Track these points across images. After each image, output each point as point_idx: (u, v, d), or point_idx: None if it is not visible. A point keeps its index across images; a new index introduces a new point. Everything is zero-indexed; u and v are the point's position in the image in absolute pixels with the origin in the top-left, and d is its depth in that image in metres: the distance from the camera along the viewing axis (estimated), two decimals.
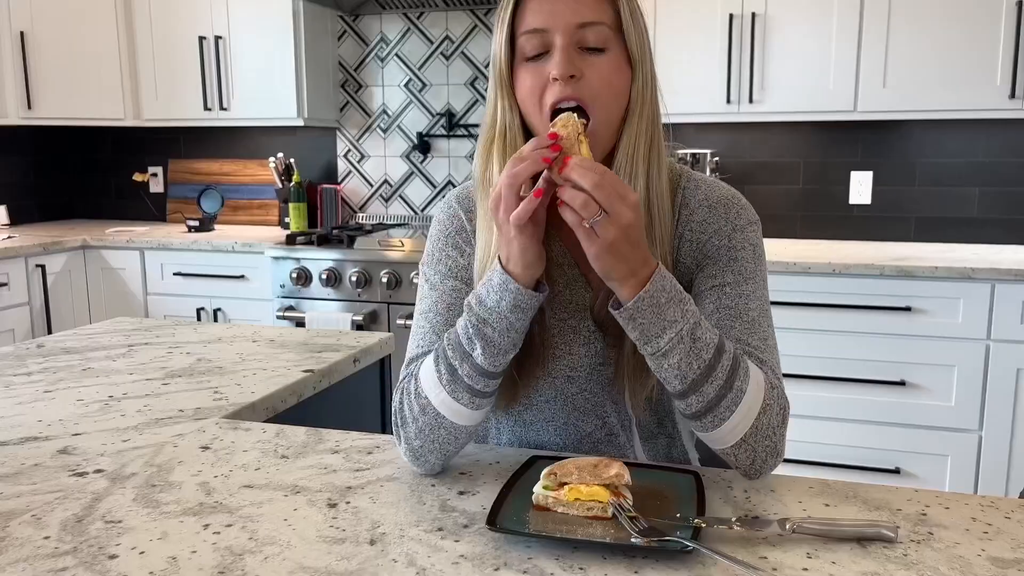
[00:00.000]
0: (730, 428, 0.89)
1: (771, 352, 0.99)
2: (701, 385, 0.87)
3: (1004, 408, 2.53)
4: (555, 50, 0.93)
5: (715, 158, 3.14)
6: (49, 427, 1.15)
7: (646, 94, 0.98)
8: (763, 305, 1.01)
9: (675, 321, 0.86)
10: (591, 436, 1.08)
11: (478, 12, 3.46)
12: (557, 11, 0.93)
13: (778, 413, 0.92)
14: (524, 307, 0.89)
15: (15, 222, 3.83)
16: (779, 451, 0.93)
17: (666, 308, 0.86)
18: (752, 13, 2.83)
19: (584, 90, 0.93)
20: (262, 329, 1.73)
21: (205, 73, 3.45)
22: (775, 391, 0.93)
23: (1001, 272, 2.47)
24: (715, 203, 1.04)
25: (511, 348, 0.91)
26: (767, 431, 0.91)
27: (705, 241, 1.02)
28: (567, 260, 1.06)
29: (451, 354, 0.92)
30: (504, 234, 0.88)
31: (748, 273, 1.01)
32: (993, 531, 0.83)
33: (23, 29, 3.38)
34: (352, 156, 3.74)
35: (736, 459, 0.93)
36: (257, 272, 3.23)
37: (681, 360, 0.86)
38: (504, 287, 0.88)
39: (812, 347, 2.66)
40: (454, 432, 0.94)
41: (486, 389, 0.93)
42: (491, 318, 0.89)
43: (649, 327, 0.86)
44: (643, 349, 0.88)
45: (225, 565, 0.77)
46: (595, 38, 0.94)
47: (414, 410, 0.95)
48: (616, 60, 0.95)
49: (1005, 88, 2.65)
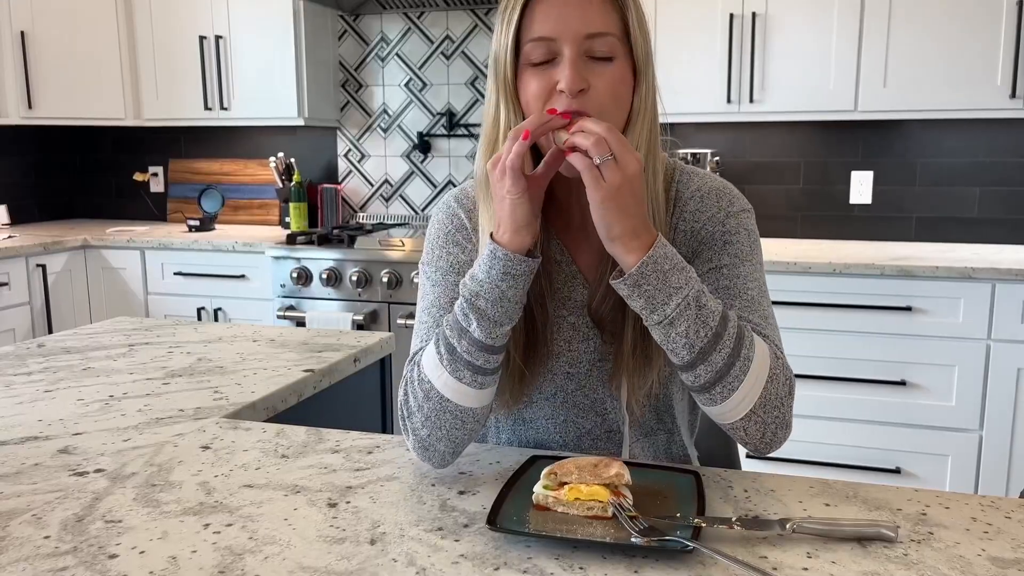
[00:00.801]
0: (740, 398, 0.89)
1: (773, 329, 0.99)
2: (709, 354, 0.88)
3: (1004, 408, 2.53)
4: (564, 62, 0.92)
5: (715, 158, 3.14)
6: (49, 427, 1.15)
7: (648, 101, 0.98)
8: (761, 286, 1.02)
9: (680, 287, 0.86)
10: (591, 433, 1.09)
11: (478, 12, 3.46)
12: (566, 20, 0.92)
13: (784, 383, 0.93)
14: (514, 273, 0.88)
15: (15, 222, 3.83)
16: (788, 423, 0.94)
17: (670, 274, 0.86)
18: (752, 13, 2.83)
19: (590, 101, 0.93)
20: (262, 329, 1.73)
21: (205, 73, 3.45)
22: (780, 361, 0.94)
23: (1002, 272, 2.47)
24: (707, 192, 1.05)
25: (506, 320, 0.91)
26: (776, 401, 0.91)
27: (699, 229, 1.03)
28: (565, 258, 1.06)
29: (449, 333, 0.92)
30: (498, 192, 0.88)
31: (744, 255, 1.01)
32: (993, 531, 0.83)
33: (24, 29, 3.38)
34: (352, 156, 3.74)
35: (747, 433, 0.93)
36: (257, 272, 3.23)
37: (689, 327, 0.87)
38: (493, 256, 0.89)
39: (813, 347, 2.66)
40: (460, 416, 0.94)
41: (486, 365, 0.92)
42: (482, 290, 0.89)
43: (655, 293, 0.86)
44: (649, 319, 0.89)
45: (225, 565, 0.77)
46: (603, 48, 0.93)
47: (419, 397, 0.95)
48: (622, 69, 0.95)
49: (1006, 88, 2.65)
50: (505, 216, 0.88)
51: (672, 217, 1.04)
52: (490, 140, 1.00)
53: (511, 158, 0.86)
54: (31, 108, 3.44)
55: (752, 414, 0.91)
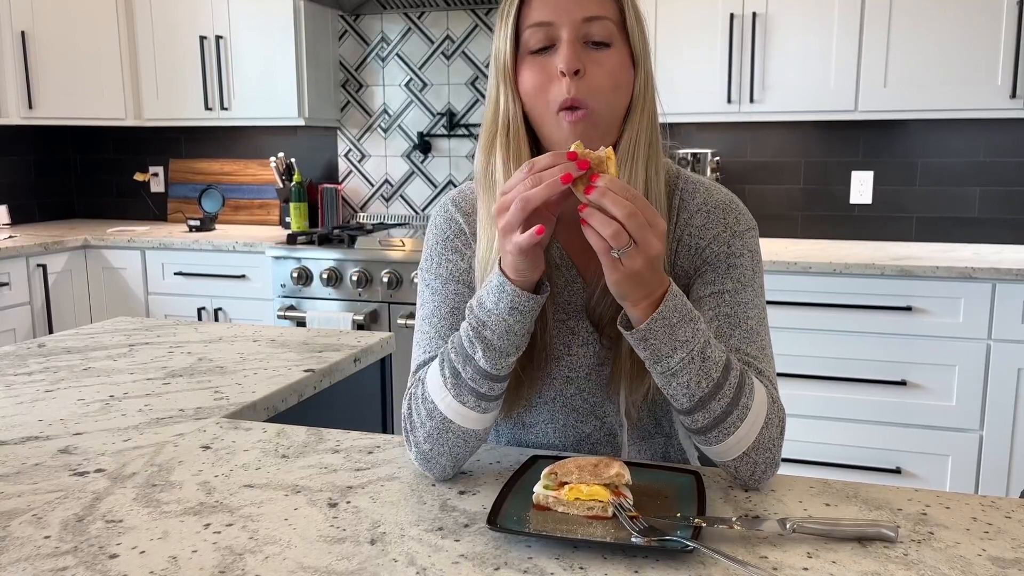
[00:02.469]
0: (734, 442, 0.90)
1: (768, 362, 0.99)
2: (708, 403, 0.88)
3: (1005, 408, 2.53)
4: (561, 44, 0.93)
5: (716, 158, 3.14)
6: (50, 426, 1.15)
7: (647, 92, 0.98)
8: (761, 313, 1.01)
9: (686, 341, 0.85)
10: (590, 437, 1.08)
11: (479, 12, 3.46)
12: (563, 5, 0.93)
13: (777, 426, 0.93)
14: (522, 309, 0.87)
15: (16, 222, 3.83)
16: (777, 462, 0.94)
17: (678, 328, 0.85)
18: (753, 13, 2.83)
19: (589, 86, 0.93)
20: (263, 329, 1.73)
21: (206, 73, 3.45)
22: (775, 405, 0.94)
23: (1002, 272, 2.47)
24: (714, 208, 1.04)
25: (513, 351, 0.90)
26: (768, 444, 0.92)
27: (704, 247, 1.02)
28: (565, 262, 1.05)
29: (454, 358, 0.91)
30: (502, 246, 0.85)
31: (747, 280, 1.01)
32: (994, 531, 0.83)
33: (24, 29, 3.38)
34: (353, 156, 3.74)
35: (737, 471, 0.93)
36: (258, 272, 3.23)
37: (691, 379, 0.86)
38: (501, 289, 0.87)
39: (813, 347, 2.65)
40: (463, 436, 0.93)
41: (491, 392, 0.92)
42: (490, 320, 0.88)
43: (660, 347, 0.85)
44: (652, 368, 0.88)
45: (226, 564, 0.77)
46: (600, 32, 0.94)
47: (422, 415, 0.94)
48: (620, 55, 0.96)
49: (1006, 88, 2.64)
50: (509, 265, 0.86)
51: (676, 228, 1.03)
52: (490, 134, 0.99)
53: (521, 243, 0.81)
54: (31, 108, 3.44)
55: (745, 456, 0.91)
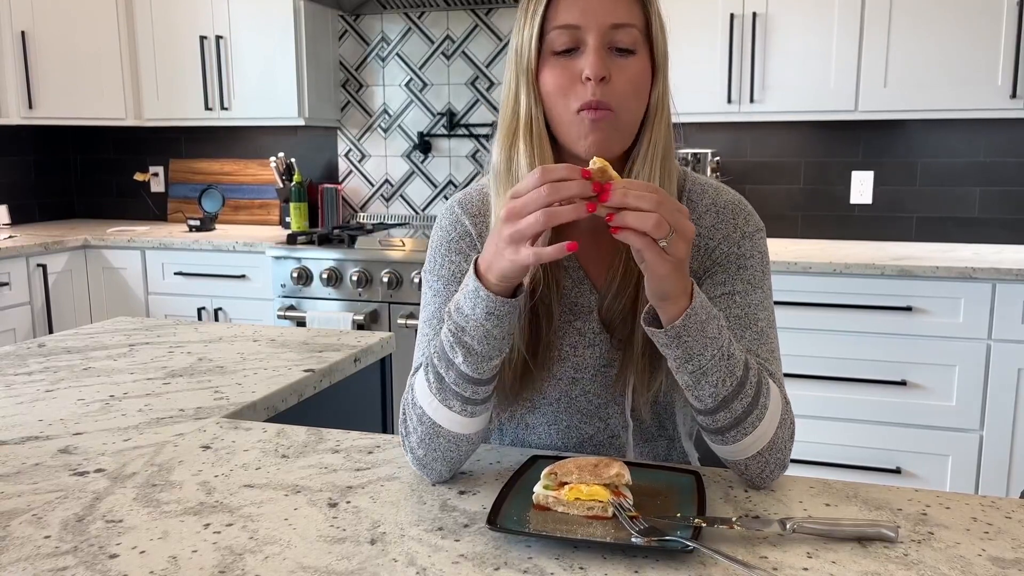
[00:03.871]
0: (751, 442, 0.90)
1: (778, 364, 1.00)
2: (732, 402, 0.88)
3: (1005, 408, 2.53)
4: (588, 49, 0.93)
5: (716, 158, 3.14)
6: (50, 426, 1.15)
7: (665, 100, 0.99)
8: (770, 315, 1.02)
9: (715, 338, 0.85)
10: (593, 439, 1.08)
11: (479, 12, 3.46)
12: (592, 9, 0.93)
13: (789, 427, 0.94)
14: (499, 314, 0.85)
15: (16, 222, 3.83)
16: (786, 463, 0.95)
17: (707, 324, 0.85)
18: (753, 13, 2.83)
19: (612, 92, 0.93)
20: (263, 329, 1.73)
21: (206, 73, 3.45)
22: (788, 405, 0.95)
23: (1002, 272, 2.47)
24: (723, 208, 1.04)
25: (495, 354, 0.88)
26: (780, 444, 0.92)
27: (714, 247, 1.02)
28: (572, 263, 1.05)
29: (438, 363, 0.91)
30: (499, 248, 0.82)
31: (757, 281, 1.01)
32: (994, 531, 0.83)
33: (24, 28, 3.38)
34: (353, 156, 3.74)
35: (747, 469, 0.93)
36: (258, 272, 3.23)
37: (718, 378, 0.87)
38: (476, 294, 0.85)
39: (813, 347, 2.65)
40: (454, 441, 0.93)
41: (475, 396, 0.91)
42: (468, 325, 0.86)
43: (693, 344, 0.85)
44: (682, 367, 0.87)
45: (226, 564, 0.77)
46: (626, 40, 0.94)
47: (413, 420, 0.94)
48: (643, 63, 0.96)
49: (1006, 88, 2.64)
50: (495, 268, 0.83)
51: None
52: (509, 131, 0.98)
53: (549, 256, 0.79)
54: (31, 108, 3.44)
55: (758, 455, 0.91)
